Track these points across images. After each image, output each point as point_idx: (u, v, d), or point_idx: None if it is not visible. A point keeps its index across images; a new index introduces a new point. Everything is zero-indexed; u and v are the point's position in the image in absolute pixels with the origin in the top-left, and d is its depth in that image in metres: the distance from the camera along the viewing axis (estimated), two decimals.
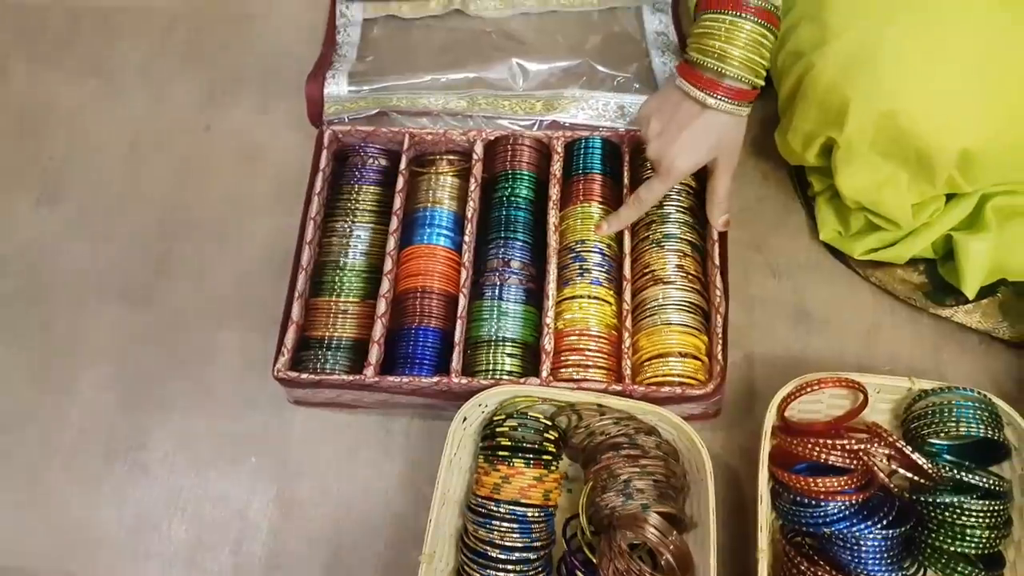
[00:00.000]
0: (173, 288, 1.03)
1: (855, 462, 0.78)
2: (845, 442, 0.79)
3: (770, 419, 0.80)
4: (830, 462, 0.78)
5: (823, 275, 0.99)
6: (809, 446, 0.79)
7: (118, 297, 1.03)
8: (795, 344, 0.95)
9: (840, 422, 0.84)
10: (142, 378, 0.99)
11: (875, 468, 0.79)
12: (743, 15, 0.77)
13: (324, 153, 0.98)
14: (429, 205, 0.96)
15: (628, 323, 0.87)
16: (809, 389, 0.81)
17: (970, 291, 0.90)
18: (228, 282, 1.03)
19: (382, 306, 0.90)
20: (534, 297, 0.91)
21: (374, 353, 0.87)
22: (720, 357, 0.84)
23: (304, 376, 0.86)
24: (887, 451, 0.79)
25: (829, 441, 0.79)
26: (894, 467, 0.80)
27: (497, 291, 0.90)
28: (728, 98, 0.79)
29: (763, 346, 0.95)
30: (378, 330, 0.89)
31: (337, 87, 1.05)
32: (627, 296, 0.89)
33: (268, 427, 0.96)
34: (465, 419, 0.83)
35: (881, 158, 0.86)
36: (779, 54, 0.91)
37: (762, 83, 0.81)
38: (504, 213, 0.94)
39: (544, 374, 0.85)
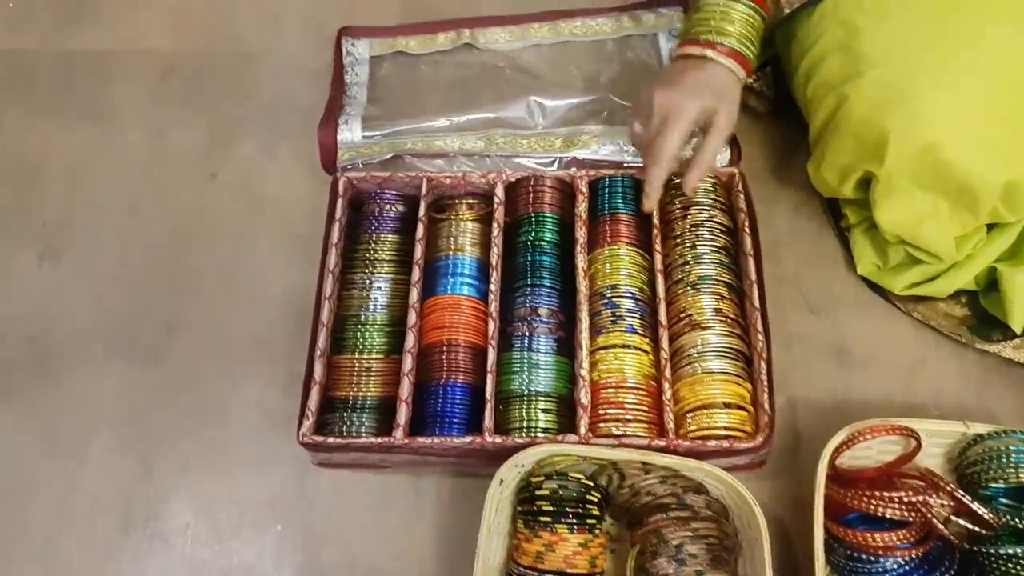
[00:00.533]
0: (184, 344, 0.99)
1: (913, 514, 0.75)
2: (902, 494, 0.75)
3: (822, 473, 0.76)
4: (887, 515, 0.75)
5: (862, 309, 0.95)
6: (865, 499, 0.76)
7: (128, 355, 0.99)
8: (838, 384, 0.92)
9: (892, 468, 0.81)
10: (156, 441, 0.94)
11: (932, 518, 0.75)
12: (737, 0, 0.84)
13: (339, 201, 0.94)
14: (451, 253, 0.92)
15: (667, 372, 0.84)
16: (861, 439, 0.78)
17: (1018, 325, 0.87)
18: (242, 336, 0.99)
19: (408, 362, 0.86)
20: (565, 346, 0.87)
21: (403, 413, 0.83)
22: (767, 407, 0.80)
23: (331, 440, 0.82)
24: (944, 500, 0.76)
25: (886, 494, 0.75)
26: (948, 515, 0.76)
27: (526, 341, 0.87)
28: (726, 56, 0.83)
29: (805, 388, 0.92)
30: (405, 388, 0.84)
31: (351, 133, 1.01)
32: (664, 343, 0.85)
33: (290, 490, 0.92)
34: (502, 481, 0.79)
35: (922, 190, 0.83)
36: (808, 86, 0.88)
37: (753, 57, 0.85)
38: (529, 258, 0.91)
39: (582, 430, 0.81)
